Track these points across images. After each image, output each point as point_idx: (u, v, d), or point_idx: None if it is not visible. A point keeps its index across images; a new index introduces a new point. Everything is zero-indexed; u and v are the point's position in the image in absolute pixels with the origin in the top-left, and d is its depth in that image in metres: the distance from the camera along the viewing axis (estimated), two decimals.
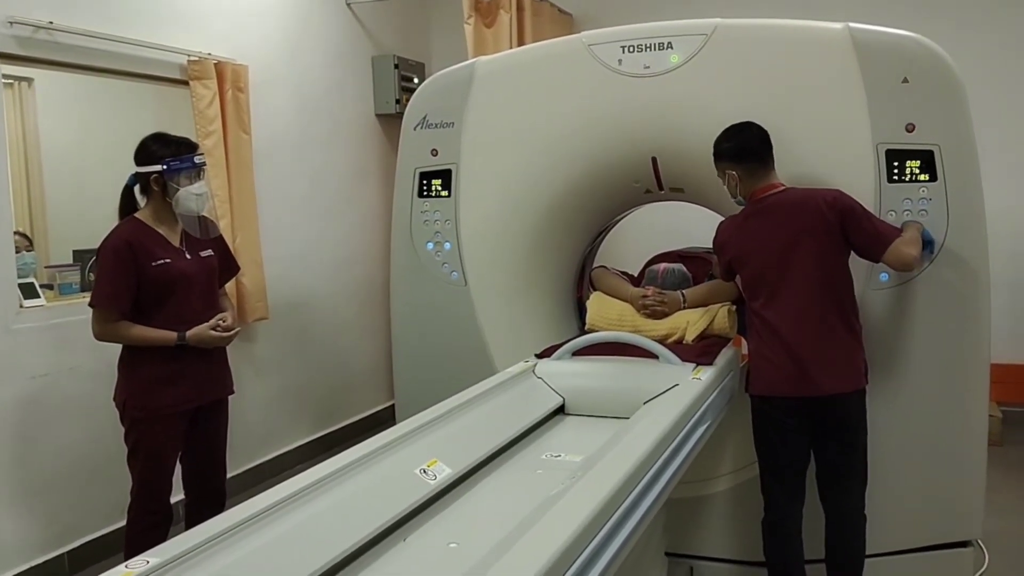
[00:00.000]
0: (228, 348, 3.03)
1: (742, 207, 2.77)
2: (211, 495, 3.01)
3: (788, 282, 2.62)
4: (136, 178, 2.85)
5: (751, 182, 2.71)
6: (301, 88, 4.83)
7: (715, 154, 2.76)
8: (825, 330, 2.60)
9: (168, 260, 2.82)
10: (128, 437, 2.85)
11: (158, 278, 2.79)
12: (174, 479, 2.92)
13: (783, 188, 2.70)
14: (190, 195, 2.82)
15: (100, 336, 2.81)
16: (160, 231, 2.86)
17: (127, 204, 2.90)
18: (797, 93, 2.89)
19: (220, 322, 2.89)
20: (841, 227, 2.59)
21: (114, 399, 2.88)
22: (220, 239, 3.11)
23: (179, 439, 2.89)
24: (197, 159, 2.85)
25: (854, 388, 2.63)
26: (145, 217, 2.86)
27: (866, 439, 2.70)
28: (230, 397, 3.09)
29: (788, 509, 2.73)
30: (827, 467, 2.71)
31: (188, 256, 2.89)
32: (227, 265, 3.15)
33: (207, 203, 2.91)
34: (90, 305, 2.78)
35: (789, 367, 2.61)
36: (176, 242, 2.89)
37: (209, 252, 2.98)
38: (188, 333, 2.81)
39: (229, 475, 3.15)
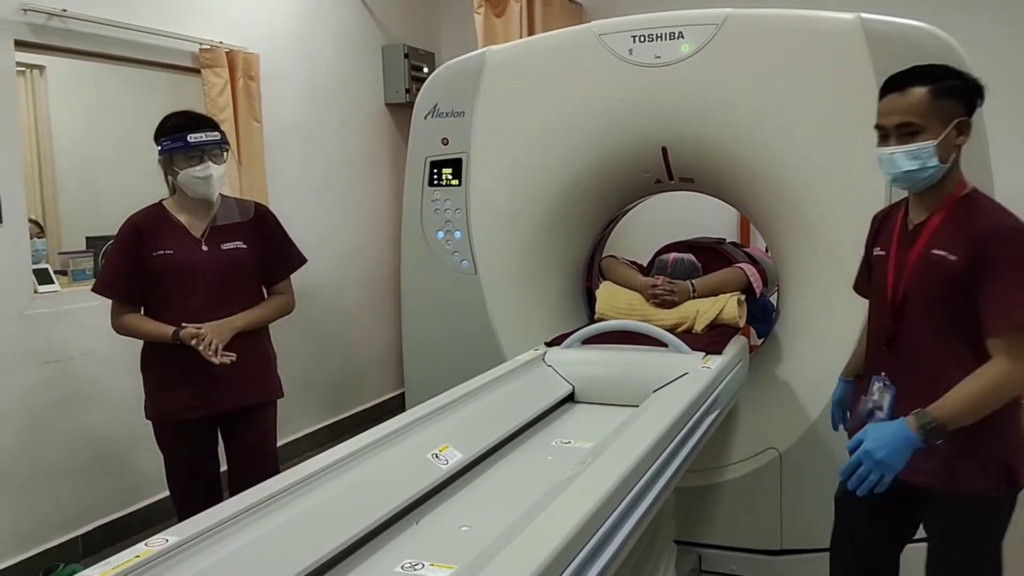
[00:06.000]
0: (257, 345, 2.76)
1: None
2: None
3: None
4: None
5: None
6: (311, 77, 4.84)
7: (944, 88, 1.91)
8: None
9: (170, 251, 2.56)
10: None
11: (156, 269, 2.56)
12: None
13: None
14: (191, 178, 2.53)
15: (113, 327, 2.63)
16: (181, 218, 2.62)
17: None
18: (808, 83, 2.89)
19: (199, 338, 2.48)
20: None
21: None
22: (276, 227, 2.82)
23: (200, 449, 2.68)
24: (191, 138, 2.50)
25: None
26: (170, 203, 2.65)
27: None
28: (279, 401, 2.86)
29: None
30: None
31: (205, 248, 2.61)
32: (283, 255, 2.84)
33: (218, 186, 2.61)
34: (92, 291, 2.65)
35: None
36: (198, 232, 2.62)
37: (237, 244, 2.67)
38: (182, 332, 2.50)
39: None
